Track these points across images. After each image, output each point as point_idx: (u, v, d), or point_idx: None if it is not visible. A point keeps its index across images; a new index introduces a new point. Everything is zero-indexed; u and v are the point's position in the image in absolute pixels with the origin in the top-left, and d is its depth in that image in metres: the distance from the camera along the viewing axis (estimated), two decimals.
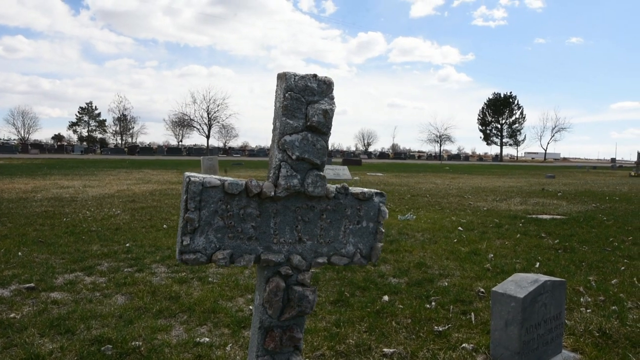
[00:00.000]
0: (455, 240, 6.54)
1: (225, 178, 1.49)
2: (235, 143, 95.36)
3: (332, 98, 1.55)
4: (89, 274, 4.61)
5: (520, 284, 2.73)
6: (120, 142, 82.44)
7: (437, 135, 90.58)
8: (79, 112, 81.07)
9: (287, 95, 1.49)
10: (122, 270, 4.74)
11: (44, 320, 3.35)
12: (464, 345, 3.00)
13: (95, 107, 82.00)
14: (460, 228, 7.56)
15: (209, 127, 76.77)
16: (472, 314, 3.59)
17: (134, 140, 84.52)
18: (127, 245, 5.89)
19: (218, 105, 76.38)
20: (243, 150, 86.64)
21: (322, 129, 1.53)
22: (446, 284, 4.42)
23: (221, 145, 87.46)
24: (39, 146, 64.83)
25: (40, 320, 3.36)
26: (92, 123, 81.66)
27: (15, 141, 75.73)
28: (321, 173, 1.57)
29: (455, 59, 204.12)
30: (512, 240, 6.64)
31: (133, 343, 2.99)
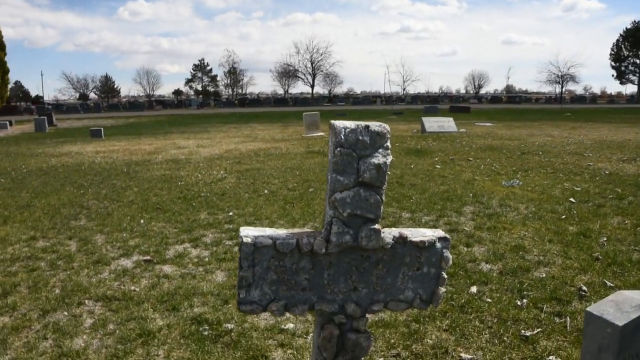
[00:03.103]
0: (564, 217, 5.99)
1: (277, 235, 1.53)
2: (340, 90, 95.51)
3: (387, 148, 1.47)
4: (195, 246, 5.11)
5: (621, 307, 2.45)
6: (231, 93, 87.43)
7: (558, 76, 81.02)
8: (193, 69, 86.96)
9: (336, 151, 1.45)
10: (224, 242, 5.18)
11: (156, 295, 3.84)
12: (551, 357, 2.83)
13: (207, 63, 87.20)
14: (572, 199, 6.89)
15: (313, 76, 77.86)
16: (568, 317, 3.33)
17: (243, 92, 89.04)
18: (230, 214, 6.37)
19: (321, 54, 76.77)
20: (347, 97, 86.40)
21: (376, 183, 1.47)
22: (543, 275, 4.13)
23: (326, 92, 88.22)
24: (161, 102, 71.98)
25: (154, 294, 3.86)
26: (205, 79, 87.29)
27: (142, 98, 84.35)
28: (376, 227, 1.53)
29: None
30: (633, 219, 5.89)
31: (226, 325, 3.31)
